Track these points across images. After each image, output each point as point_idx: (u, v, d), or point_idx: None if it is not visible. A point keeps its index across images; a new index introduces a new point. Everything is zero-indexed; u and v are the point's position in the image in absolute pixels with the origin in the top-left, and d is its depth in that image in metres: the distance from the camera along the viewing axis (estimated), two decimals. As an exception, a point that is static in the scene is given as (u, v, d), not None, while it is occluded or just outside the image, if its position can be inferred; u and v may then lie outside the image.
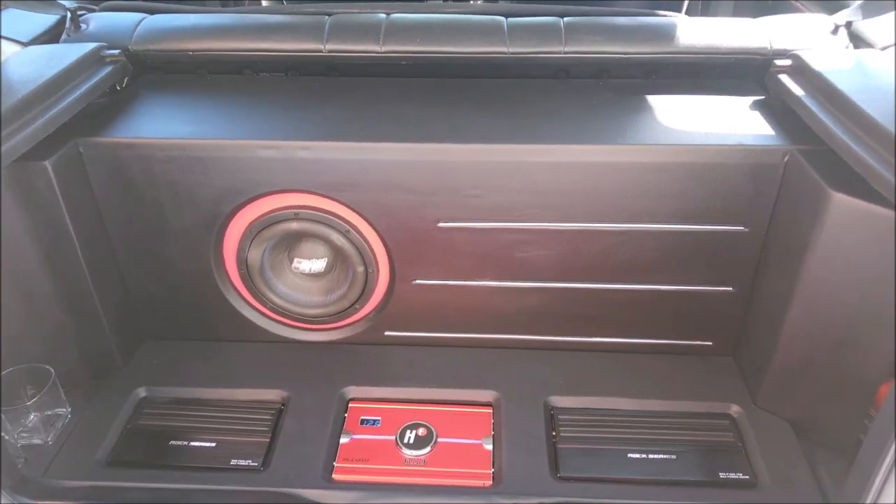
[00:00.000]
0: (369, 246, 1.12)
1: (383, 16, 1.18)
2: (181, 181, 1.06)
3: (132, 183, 1.07)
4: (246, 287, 1.18)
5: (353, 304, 1.18)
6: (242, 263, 1.15)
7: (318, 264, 1.18)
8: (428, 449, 1.03)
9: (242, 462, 1.02)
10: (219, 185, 1.07)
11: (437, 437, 1.06)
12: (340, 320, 1.21)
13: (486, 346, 1.22)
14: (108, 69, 1.10)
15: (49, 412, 1.06)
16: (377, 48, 1.14)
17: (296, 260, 1.19)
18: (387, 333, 1.20)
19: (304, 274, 1.20)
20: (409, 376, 1.17)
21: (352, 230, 1.10)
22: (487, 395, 1.13)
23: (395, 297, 1.16)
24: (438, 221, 1.08)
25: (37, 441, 1.04)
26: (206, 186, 1.07)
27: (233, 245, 1.14)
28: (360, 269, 1.13)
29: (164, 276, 1.17)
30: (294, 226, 1.11)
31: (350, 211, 1.09)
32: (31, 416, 1.04)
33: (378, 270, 1.14)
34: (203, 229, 1.11)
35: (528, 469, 1.00)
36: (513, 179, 1.04)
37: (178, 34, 1.18)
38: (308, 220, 1.11)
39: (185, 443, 1.06)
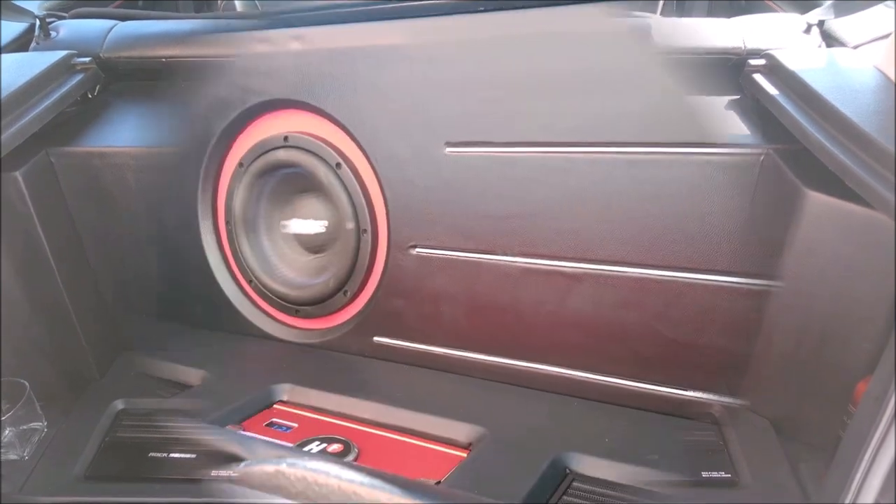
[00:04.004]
0: (362, 186, 1.06)
1: None
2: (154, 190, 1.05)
3: (105, 192, 1.06)
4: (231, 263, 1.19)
5: (341, 288, 1.14)
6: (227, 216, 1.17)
7: (309, 225, 1.16)
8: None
9: (223, 473, 1.00)
10: (212, 95, 1.08)
11: (352, 460, 0.88)
12: (325, 314, 1.19)
13: (500, 380, 1.04)
14: (80, 77, 1.09)
15: (24, 427, 1.04)
16: None
17: (282, 223, 1.18)
18: (376, 339, 1.15)
19: (294, 238, 1.18)
20: (377, 391, 1.04)
21: (343, 163, 1.07)
22: (468, 431, 0.92)
23: (390, 277, 1.09)
24: (446, 144, 0.97)
25: (13, 456, 1.02)
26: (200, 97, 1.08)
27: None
28: (351, 226, 1.09)
29: (143, 285, 1.16)
30: (281, 154, 1.10)
31: (342, 135, 1.05)
32: (7, 431, 1.02)
33: (372, 233, 1.09)
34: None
35: None
36: (551, 63, 0.90)
37: (151, 41, 1.16)
38: (297, 147, 1.08)
39: (165, 454, 1.04)
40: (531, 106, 0.94)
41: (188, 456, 1.03)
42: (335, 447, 0.92)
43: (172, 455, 1.03)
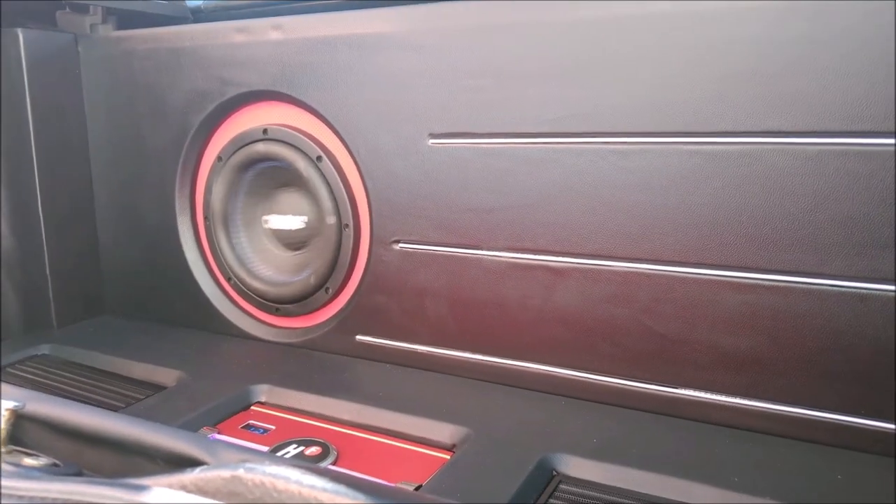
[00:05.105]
0: (344, 180, 1.05)
1: None
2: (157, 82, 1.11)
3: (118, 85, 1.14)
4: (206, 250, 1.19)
5: (323, 285, 1.12)
6: (206, 206, 1.17)
7: (290, 221, 1.14)
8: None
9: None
10: (190, 87, 1.08)
11: (331, 463, 0.84)
12: (306, 312, 1.16)
13: (485, 379, 1.01)
14: None
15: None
16: None
17: (262, 219, 1.17)
18: (358, 338, 1.12)
19: (274, 234, 1.17)
20: (358, 391, 0.99)
21: (324, 156, 1.05)
22: (452, 432, 0.88)
23: (373, 274, 1.06)
24: (430, 135, 0.95)
25: None
26: (177, 90, 1.10)
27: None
28: (332, 221, 1.07)
29: (118, 281, 1.15)
30: (260, 147, 1.10)
31: (323, 127, 1.04)
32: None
33: (354, 228, 1.07)
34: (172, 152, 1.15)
35: None
36: (538, 52, 0.86)
37: None
38: (276, 140, 1.08)
39: None
40: (517, 96, 0.91)
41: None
42: (313, 450, 0.88)
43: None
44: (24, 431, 0.64)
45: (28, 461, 0.55)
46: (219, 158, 1.15)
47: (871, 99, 0.77)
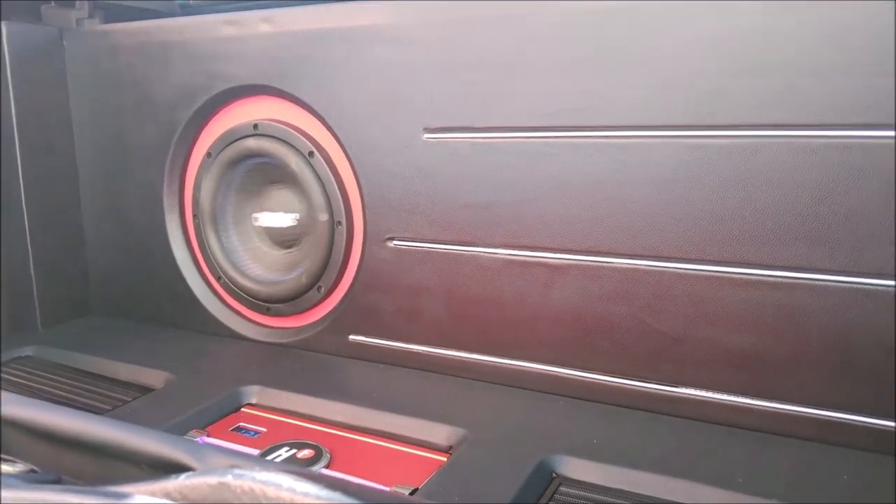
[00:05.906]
0: (336, 176, 1.02)
1: None
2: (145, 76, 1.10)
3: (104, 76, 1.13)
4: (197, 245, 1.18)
5: (315, 283, 1.09)
6: (195, 204, 1.15)
7: (281, 218, 1.11)
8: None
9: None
10: (178, 81, 1.06)
11: (324, 466, 0.82)
12: (298, 311, 1.13)
13: (482, 379, 0.99)
14: None
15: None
16: None
17: (252, 216, 1.15)
18: (352, 338, 1.10)
19: (265, 232, 1.15)
20: (352, 392, 0.97)
21: (316, 152, 1.03)
22: (448, 433, 0.86)
23: (366, 272, 1.04)
24: (424, 129, 0.93)
25: None
26: (165, 84, 1.09)
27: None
28: (324, 218, 1.05)
29: (105, 280, 1.13)
30: (251, 143, 1.08)
31: (315, 122, 1.02)
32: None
33: (347, 225, 1.05)
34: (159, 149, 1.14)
35: None
36: (535, 45, 0.85)
37: None
38: (267, 135, 1.06)
39: None
40: (513, 89, 0.89)
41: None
42: (305, 453, 0.85)
43: None
44: None
45: (4, 468, 0.53)
46: (208, 154, 1.13)
47: (875, 91, 0.75)
